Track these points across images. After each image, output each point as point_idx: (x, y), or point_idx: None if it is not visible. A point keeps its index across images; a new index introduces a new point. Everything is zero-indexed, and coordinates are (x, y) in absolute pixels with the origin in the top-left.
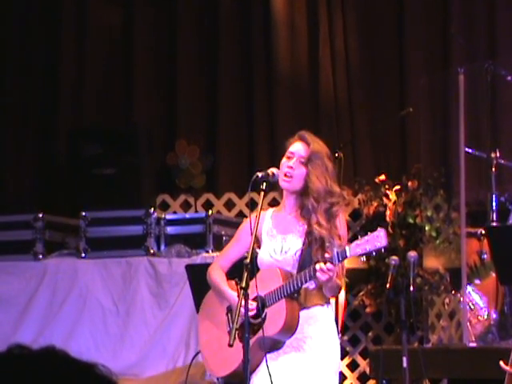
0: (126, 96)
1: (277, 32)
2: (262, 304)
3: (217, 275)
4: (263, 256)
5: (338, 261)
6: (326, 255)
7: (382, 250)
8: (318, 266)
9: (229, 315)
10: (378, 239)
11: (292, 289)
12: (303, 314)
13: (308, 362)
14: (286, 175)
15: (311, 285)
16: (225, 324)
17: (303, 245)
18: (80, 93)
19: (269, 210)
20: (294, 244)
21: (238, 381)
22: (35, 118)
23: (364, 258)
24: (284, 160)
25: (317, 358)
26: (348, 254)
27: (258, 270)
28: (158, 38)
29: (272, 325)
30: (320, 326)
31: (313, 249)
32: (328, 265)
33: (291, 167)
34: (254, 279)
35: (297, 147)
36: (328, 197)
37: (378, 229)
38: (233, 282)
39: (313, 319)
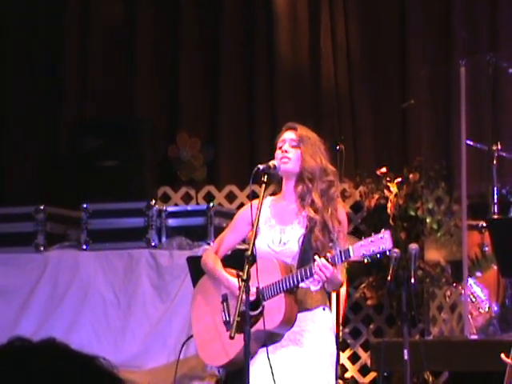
0: (128, 89)
1: (278, 24)
2: (261, 297)
3: (213, 262)
4: (261, 245)
5: (341, 261)
6: (328, 254)
7: (387, 253)
8: (316, 263)
9: (224, 304)
10: (382, 241)
11: (291, 284)
12: (304, 314)
13: (305, 355)
14: (283, 160)
15: (314, 286)
16: (219, 312)
17: (305, 230)
18: (82, 86)
19: (267, 199)
20: (293, 235)
21: (232, 370)
22: (38, 111)
23: (368, 259)
24: (277, 151)
25: (313, 351)
26: (352, 254)
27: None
28: (160, 32)
29: (270, 318)
30: (317, 320)
31: (313, 235)
32: (327, 264)
33: (285, 151)
34: (253, 269)
35: (286, 135)
36: (323, 175)
37: (383, 230)
38: (233, 271)
39: (310, 313)
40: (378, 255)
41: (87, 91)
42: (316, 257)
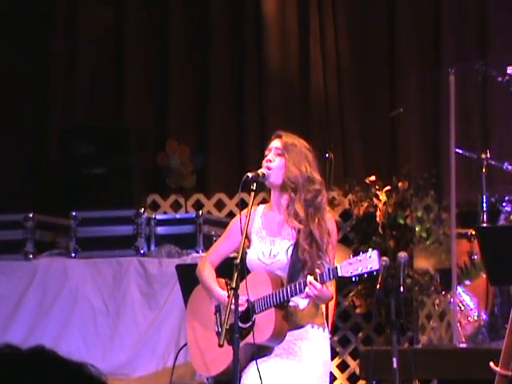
0: (117, 96)
1: (268, 33)
2: (252, 310)
3: (207, 272)
4: (252, 257)
5: (329, 279)
6: (317, 271)
7: (374, 273)
8: (308, 279)
9: (217, 314)
10: (370, 261)
11: (281, 299)
12: (292, 332)
13: (299, 365)
14: (268, 168)
15: (303, 301)
16: (213, 323)
17: (293, 242)
18: (71, 92)
19: (259, 208)
20: (282, 247)
21: (226, 380)
22: (26, 118)
23: (356, 279)
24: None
25: (307, 360)
26: (339, 272)
27: (247, 270)
28: (149, 37)
29: (261, 332)
30: (311, 329)
31: (300, 246)
32: (315, 284)
33: (269, 160)
34: (244, 281)
35: (272, 143)
36: (308, 185)
37: (370, 250)
38: (222, 280)
39: (300, 331)
40: (366, 275)
41: (75, 98)
42: (308, 278)
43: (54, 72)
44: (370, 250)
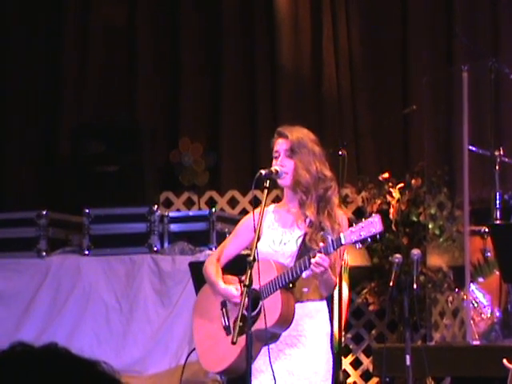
0: (130, 93)
1: (280, 29)
2: (257, 297)
3: (212, 269)
4: (262, 247)
5: (333, 248)
6: (321, 244)
7: (377, 237)
8: (312, 261)
9: (223, 310)
10: (373, 225)
11: (287, 279)
12: (298, 309)
13: (302, 359)
14: (285, 173)
15: (305, 274)
16: (219, 319)
17: (304, 235)
18: (83, 90)
19: (270, 206)
20: (293, 237)
21: (233, 376)
22: (38, 116)
23: (360, 245)
24: (274, 162)
25: (311, 356)
26: (343, 241)
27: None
28: (161, 35)
29: (268, 317)
30: (314, 323)
31: (311, 237)
32: (321, 255)
33: (281, 165)
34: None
35: (279, 144)
36: (319, 184)
37: (373, 215)
38: (229, 277)
39: (308, 316)
40: (369, 239)
41: (88, 96)
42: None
43: (65, 70)
44: (372, 214)
